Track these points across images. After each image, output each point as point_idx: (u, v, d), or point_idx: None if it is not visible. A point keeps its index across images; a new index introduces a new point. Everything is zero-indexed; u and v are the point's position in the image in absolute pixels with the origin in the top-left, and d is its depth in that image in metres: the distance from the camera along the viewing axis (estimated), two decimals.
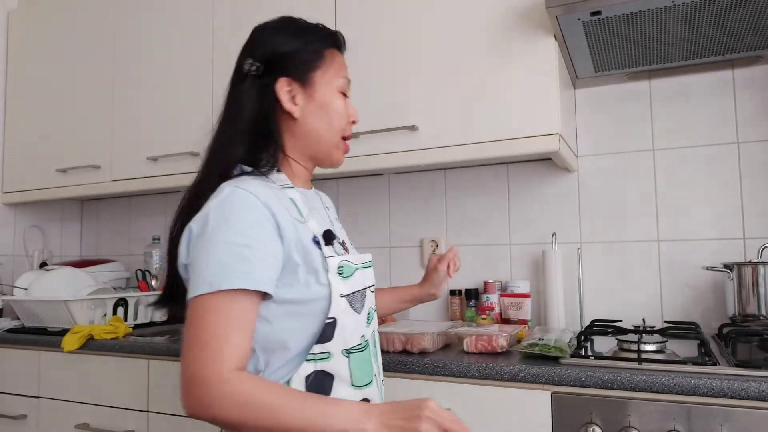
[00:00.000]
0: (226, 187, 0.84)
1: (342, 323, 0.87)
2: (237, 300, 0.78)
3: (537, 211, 1.84)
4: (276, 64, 0.93)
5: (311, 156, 0.97)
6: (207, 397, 0.73)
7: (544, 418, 1.19)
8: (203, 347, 0.75)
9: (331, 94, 0.95)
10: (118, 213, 2.62)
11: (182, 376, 0.76)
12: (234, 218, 0.80)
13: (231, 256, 0.78)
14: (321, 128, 0.94)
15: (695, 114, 1.69)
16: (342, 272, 0.89)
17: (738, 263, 1.48)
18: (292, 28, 0.97)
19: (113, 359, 1.71)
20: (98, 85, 2.18)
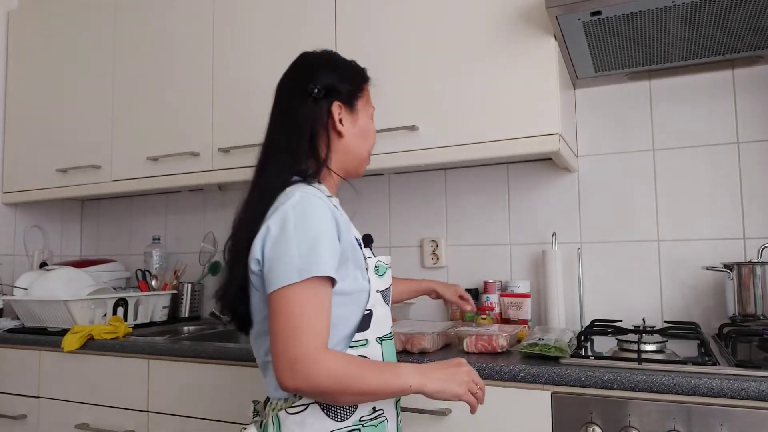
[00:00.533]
0: (296, 192, 0.96)
1: (377, 315, 1.02)
2: (321, 287, 0.92)
3: (537, 211, 1.84)
4: (333, 90, 1.07)
5: (346, 168, 1.12)
6: (310, 373, 0.87)
7: (544, 418, 1.19)
8: (301, 331, 0.89)
9: (367, 119, 1.13)
10: (118, 213, 2.62)
11: (282, 358, 0.89)
12: (310, 218, 0.94)
13: (313, 249, 0.91)
14: (358, 146, 1.11)
15: (695, 114, 1.69)
16: (378, 271, 1.04)
17: (738, 263, 1.48)
18: (340, 62, 1.15)
19: (113, 359, 1.71)
20: (98, 85, 2.18)
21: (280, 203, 0.95)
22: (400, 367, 0.95)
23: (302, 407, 0.96)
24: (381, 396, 0.95)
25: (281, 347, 0.89)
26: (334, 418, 0.96)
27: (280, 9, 1.84)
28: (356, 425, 0.97)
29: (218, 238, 2.33)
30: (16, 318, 2.10)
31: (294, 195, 0.95)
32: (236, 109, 1.89)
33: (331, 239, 0.94)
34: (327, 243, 0.93)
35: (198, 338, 1.88)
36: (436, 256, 1.95)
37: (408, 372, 0.95)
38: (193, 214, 2.43)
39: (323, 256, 0.91)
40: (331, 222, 0.96)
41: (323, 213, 0.95)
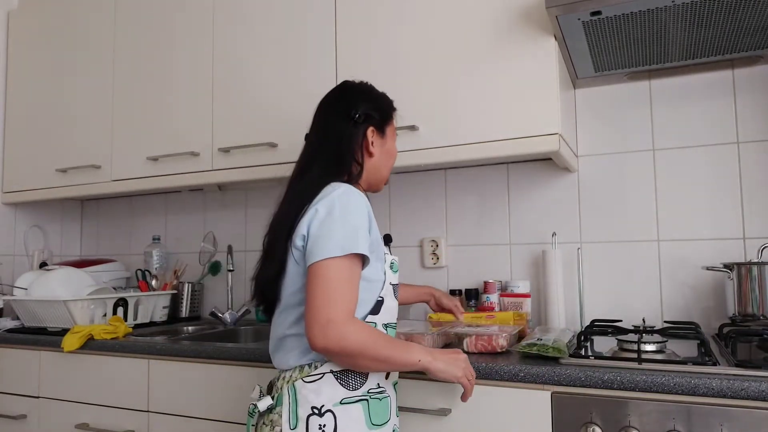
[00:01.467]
0: (342, 185, 1.11)
1: (387, 303, 1.15)
2: (356, 264, 1.06)
3: (537, 211, 1.84)
4: (369, 117, 1.24)
5: (370, 183, 1.28)
6: (340, 333, 1.00)
7: (544, 418, 1.19)
8: (336, 298, 1.01)
9: (393, 144, 1.31)
10: (118, 213, 2.62)
11: (316, 319, 1.00)
12: (353, 207, 1.08)
13: (354, 232, 1.06)
14: (384, 165, 1.28)
15: (695, 114, 1.69)
16: (392, 267, 1.19)
17: (738, 263, 1.48)
18: (375, 92, 1.31)
19: (113, 359, 1.71)
20: (98, 85, 2.18)
21: (327, 193, 1.10)
22: (411, 344, 1.12)
23: (318, 376, 1.07)
24: (394, 365, 1.09)
25: (316, 310, 1.00)
26: (346, 387, 1.08)
27: (280, 9, 1.84)
28: (365, 395, 1.10)
29: (218, 238, 2.33)
30: (16, 318, 2.10)
31: (341, 187, 1.10)
32: (236, 109, 1.89)
33: (367, 228, 1.09)
34: (365, 230, 1.08)
35: (198, 338, 1.88)
36: (436, 256, 1.95)
37: (418, 349, 1.10)
38: (193, 214, 2.43)
39: (362, 238, 1.06)
40: (368, 215, 1.11)
41: (363, 206, 1.10)
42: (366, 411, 1.09)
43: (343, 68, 1.72)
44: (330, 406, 1.06)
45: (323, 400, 1.06)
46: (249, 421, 1.11)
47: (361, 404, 1.09)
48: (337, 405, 1.06)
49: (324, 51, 1.76)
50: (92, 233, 2.69)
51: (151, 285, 2.26)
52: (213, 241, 2.33)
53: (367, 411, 1.09)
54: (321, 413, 1.05)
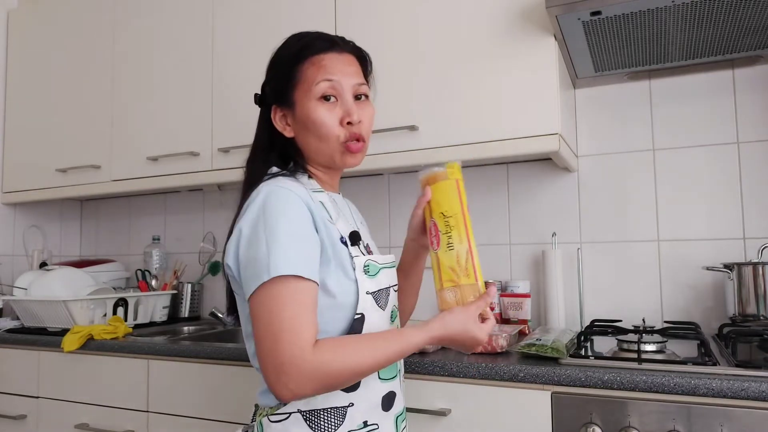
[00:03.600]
0: (264, 187, 0.91)
1: (369, 319, 0.93)
2: (299, 283, 0.84)
3: (537, 211, 1.84)
4: (268, 95, 1.02)
5: (322, 164, 1.02)
6: (300, 376, 0.80)
7: (544, 418, 1.19)
8: (281, 335, 0.81)
9: (308, 107, 0.97)
10: (118, 213, 2.62)
11: (269, 368, 0.81)
12: (280, 213, 0.87)
13: (281, 245, 0.84)
14: (312, 141, 0.99)
15: (695, 114, 1.69)
16: (368, 271, 0.95)
17: (738, 263, 1.48)
18: (275, 57, 1.03)
19: (113, 359, 1.71)
20: (98, 85, 2.18)
21: (250, 201, 0.91)
22: (402, 331, 0.90)
23: (284, 416, 0.90)
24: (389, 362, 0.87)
25: (265, 356, 0.82)
26: (317, 430, 0.89)
27: (279, 9, 1.84)
28: None
29: (218, 238, 2.33)
30: (16, 318, 2.10)
31: (261, 191, 0.91)
32: (236, 109, 1.89)
33: (306, 235, 0.88)
34: (303, 238, 0.87)
35: (198, 338, 1.88)
36: None
37: (411, 332, 0.89)
38: (192, 214, 2.43)
39: (292, 251, 0.84)
40: (305, 214, 0.89)
41: (294, 207, 0.88)
42: None
43: None
44: None
45: None
46: None
47: None
48: None
49: None
50: (92, 233, 2.69)
51: (151, 285, 2.26)
52: (213, 241, 2.33)
53: None
54: None
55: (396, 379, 1.00)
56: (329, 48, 1.00)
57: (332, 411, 0.90)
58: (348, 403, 0.91)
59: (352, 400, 0.91)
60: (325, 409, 0.90)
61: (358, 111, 0.98)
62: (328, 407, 0.90)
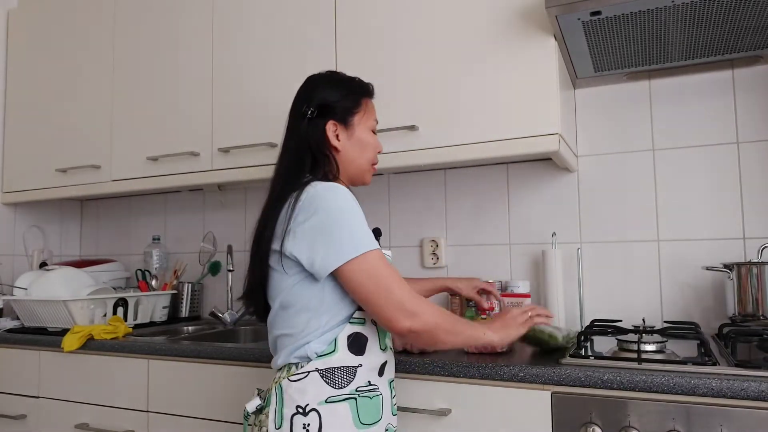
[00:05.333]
0: (317, 185, 1.08)
1: None
2: (379, 254, 1.06)
3: (537, 211, 1.84)
4: (326, 109, 1.18)
5: (350, 178, 1.23)
6: (420, 310, 1.04)
7: (544, 418, 1.19)
8: (389, 285, 1.03)
9: (365, 133, 1.22)
10: (118, 213, 2.62)
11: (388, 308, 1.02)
12: (344, 202, 1.06)
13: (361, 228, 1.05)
14: (357, 158, 1.21)
15: (695, 114, 1.69)
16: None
17: (738, 263, 1.48)
18: (338, 81, 1.24)
19: (113, 359, 1.71)
20: (98, 85, 2.18)
21: (308, 197, 1.06)
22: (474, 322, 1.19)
23: (303, 375, 1.05)
24: (467, 339, 1.14)
25: (384, 304, 1.02)
26: (332, 386, 1.05)
27: (279, 9, 1.84)
28: (352, 394, 1.06)
29: (218, 238, 2.33)
30: (16, 318, 2.10)
31: (315, 187, 1.07)
32: (236, 109, 1.89)
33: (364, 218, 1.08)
34: (364, 220, 1.07)
35: (198, 338, 1.88)
36: (436, 256, 1.95)
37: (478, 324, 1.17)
38: (192, 214, 2.43)
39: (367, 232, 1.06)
40: (358, 205, 1.09)
41: (350, 197, 1.08)
42: (354, 410, 1.06)
43: (343, 68, 1.71)
44: (315, 404, 1.04)
45: (308, 399, 1.04)
46: (245, 423, 1.11)
47: (348, 403, 1.06)
48: (323, 404, 1.04)
49: (324, 51, 1.75)
50: (92, 233, 2.69)
51: (151, 285, 2.26)
52: (213, 241, 2.33)
53: (356, 410, 1.06)
54: (305, 412, 1.03)
55: (388, 351, 1.17)
56: (372, 95, 1.29)
57: (345, 369, 1.07)
58: (357, 363, 1.08)
59: (360, 362, 1.08)
60: (339, 368, 1.06)
61: None
62: (342, 366, 1.06)
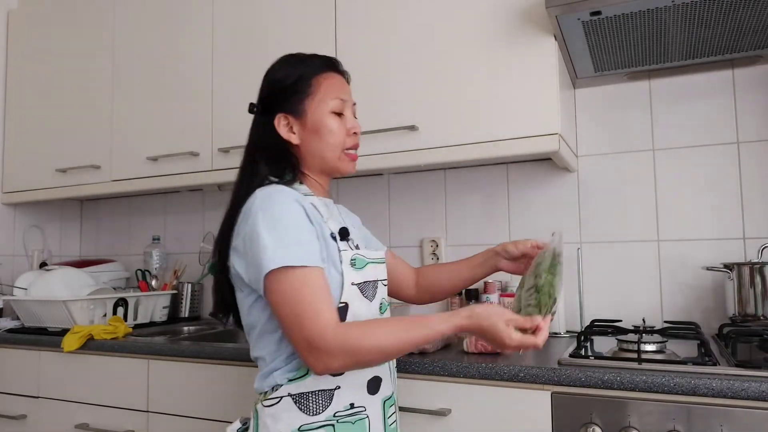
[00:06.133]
0: (259, 192, 0.99)
1: (354, 308, 1.00)
2: (305, 271, 0.93)
3: (537, 211, 1.84)
4: (273, 102, 1.09)
5: (321, 171, 1.11)
6: (329, 350, 0.89)
7: (544, 418, 1.19)
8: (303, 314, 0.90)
9: (323, 117, 1.07)
10: (118, 213, 2.62)
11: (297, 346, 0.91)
12: (277, 211, 0.96)
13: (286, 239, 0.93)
14: (319, 148, 1.08)
15: (695, 114, 1.69)
16: (354, 264, 1.02)
17: (738, 263, 1.48)
18: (284, 66, 1.12)
19: (113, 359, 1.71)
20: (98, 85, 2.18)
21: (248, 205, 0.99)
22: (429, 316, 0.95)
23: (276, 400, 0.97)
24: (411, 346, 0.94)
25: (294, 335, 0.91)
26: (306, 412, 0.96)
27: (279, 9, 1.84)
28: (330, 420, 0.97)
29: None
30: (16, 318, 2.10)
31: (257, 195, 0.99)
32: (236, 109, 1.89)
33: (299, 224, 0.96)
34: (295, 229, 0.95)
35: (197, 338, 1.88)
36: (436, 256, 1.95)
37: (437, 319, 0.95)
38: (192, 214, 2.43)
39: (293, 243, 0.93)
40: (300, 210, 0.98)
41: (290, 204, 0.97)
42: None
43: None
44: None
45: (281, 427, 0.95)
46: None
47: (324, 430, 0.96)
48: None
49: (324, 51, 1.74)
50: (92, 233, 2.69)
51: (151, 285, 2.26)
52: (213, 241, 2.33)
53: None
54: None
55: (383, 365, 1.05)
56: (335, 69, 1.13)
57: (320, 393, 0.97)
58: (335, 386, 0.98)
59: (338, 383, 0.98)
60: (313, 392, 0.97)
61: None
62: (316, 390, 0.97)
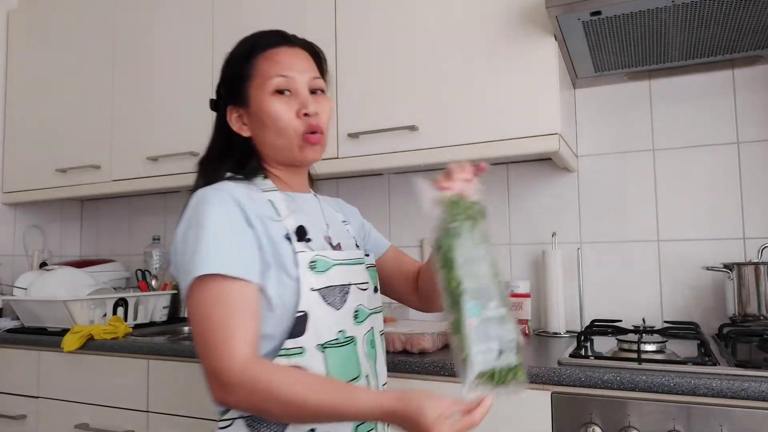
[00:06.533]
0: (199, 191, 0.90)
1: (315, 317, 0.87)
2: (225, 285, 0.81)
3: (537, 211, 1.84)
4: (223, 96, 1.01)
5: (281, 162, 0.98)
6: (227, 386, 0.78)
7: (544, 418, 1.19)
8: (210, 339, 0.79)
9: (262, 102, 0.95)
10: (118, 213, 2.62)
11: (204, 371, 0.82)
12: (207, 212, 0.85)
13: (209, 244, 0.82)
14: (269, 137, 0.95)
15: (695, 114, 1.69)
16: (314, 267, 0.89)
17: (738, 263, 1.48)
18: (231, 52, 1.01)
19: (113, 359, 1.71)
20: (98, 85, 2.18)
21: (186, 206, 0.91)
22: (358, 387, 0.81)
23: (228, 422, 0.87)
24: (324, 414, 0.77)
25: (202, 357, 0.81)
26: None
27: (279, 9, 1.84)
28: None
29: None
30: (16, 318, 2.10)
31: (196, 195, 0.90)
32: None
33: (229, 229, 0.85)
34: (223, 234, 0.84)
35: None
36: None
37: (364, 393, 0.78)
38: None
39: (215, 249, 0.82)
40: (236, 212, 0.87)
41: (223, 205, 0.86)
42: None
43: (343, 68, 1.72)
44: None
45: None
46: None
47: None
48: None
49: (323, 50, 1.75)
50: (92, 233, 2.69)
51: (151, 285, 2.26)
52: None
53: None
54: None
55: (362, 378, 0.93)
56: (281, 43, 0.99)
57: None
58: None
59: None
60: None
61: (315, 104, 0.96)
62: None
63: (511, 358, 0.73)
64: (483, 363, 0.72)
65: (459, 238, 0.74)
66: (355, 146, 1.67)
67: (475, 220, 0.76)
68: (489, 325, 0.72)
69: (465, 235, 0.74)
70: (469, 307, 0.72)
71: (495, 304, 0.73)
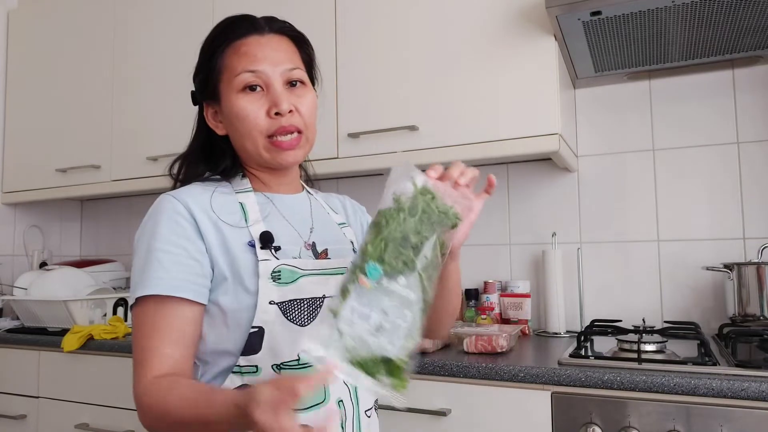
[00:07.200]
0: (160, 197, 0.85)
1: (272, 336, 0.79)
2: (158, 307, 0.77)
3: (537, 211, 1.84)
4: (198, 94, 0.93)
5: (255, 160, 0.89)
6: (141, 411, 0.77)
7: (544, 418, 1.19)
8: (137, 362, 0.78)
9: (230, 100, 0.86)
10: (118, 213, 2.62)
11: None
12: (154, 225, 0.81)
13: (149, 263, 0.79)
14: (239, 138, 0.87)
15: (695, 114, 1.69)
16: (279, 278, 0.80)
17: (738, 263, 1.48)
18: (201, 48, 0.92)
19: (113, 359, 1.71)
20: (98, 85, 2.18)
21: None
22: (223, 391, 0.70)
23: None
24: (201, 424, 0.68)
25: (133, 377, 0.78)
26: None
27: (279, 9, 1.83)
28: None
29: None
30: (16, 318, 2.10)
31: (156, 201, 0.85)
32: None
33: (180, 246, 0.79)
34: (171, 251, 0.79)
35: None
36: None
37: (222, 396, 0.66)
38: None
39: (160, 269, 0.77)
40: (183, 222, 0.80)
41: (168, 216, 0.80)
42: None
43: (343, 67, 1.72)
44: None
45: None
46: None
47: None
48: None
49: (323, 50, 1.75)
50: (92, 233, 2.69)
51: None
52: None
53: None
54: None
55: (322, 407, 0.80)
56: (250, 31, 0.88)
57: None
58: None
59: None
60: None
61: (292, 99, 0.86)
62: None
63: (388, 348, 0.59)
64: (349, 324, 0.58)
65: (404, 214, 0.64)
66: (355, 146, 1.67)
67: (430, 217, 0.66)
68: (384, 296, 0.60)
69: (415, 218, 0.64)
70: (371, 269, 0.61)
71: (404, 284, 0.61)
